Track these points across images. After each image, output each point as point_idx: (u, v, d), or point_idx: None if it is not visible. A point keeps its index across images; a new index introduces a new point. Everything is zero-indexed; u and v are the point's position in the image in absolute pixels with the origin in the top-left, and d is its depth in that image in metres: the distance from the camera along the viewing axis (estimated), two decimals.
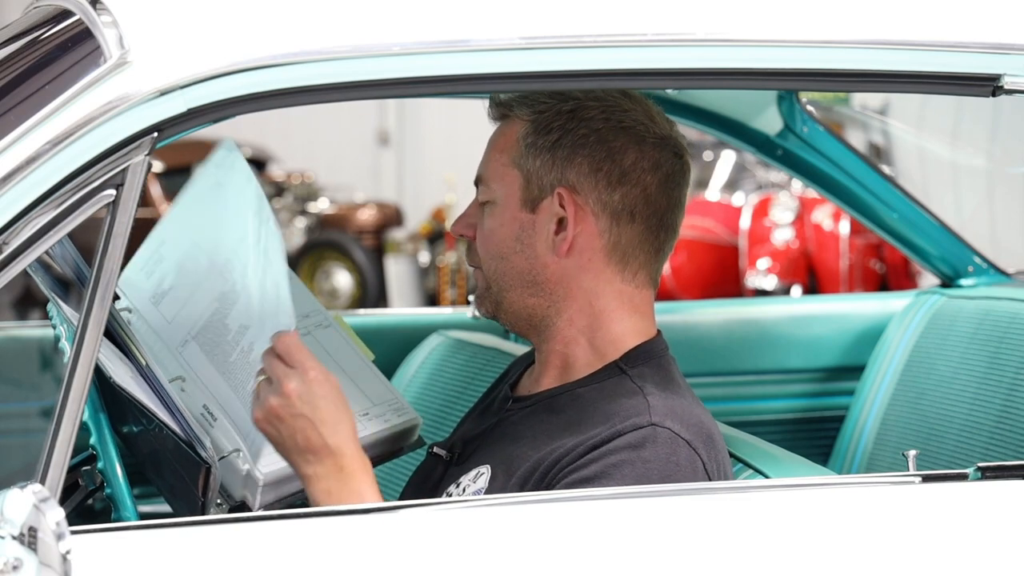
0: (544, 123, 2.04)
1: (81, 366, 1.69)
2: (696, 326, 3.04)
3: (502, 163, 2.06)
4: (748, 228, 8.37)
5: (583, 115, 2.03)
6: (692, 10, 1.93)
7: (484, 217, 2.08)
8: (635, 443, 1.92)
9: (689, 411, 1.97)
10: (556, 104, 2.04)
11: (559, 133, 2.03)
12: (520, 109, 2.05)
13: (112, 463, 2.04)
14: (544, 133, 2.03)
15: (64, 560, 1.53)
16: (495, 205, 2.06)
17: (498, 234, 2.06)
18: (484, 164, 2.08)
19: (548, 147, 2.03)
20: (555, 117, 2.03)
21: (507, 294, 2.06)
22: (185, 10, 1.83)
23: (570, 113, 2.03)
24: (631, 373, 2.02)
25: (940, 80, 1.98)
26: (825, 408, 3.06)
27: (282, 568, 1.72)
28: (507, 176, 2.05)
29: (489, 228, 2.07)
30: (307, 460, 1.89)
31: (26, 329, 3.05)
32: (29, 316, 9.45)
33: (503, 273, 2.06)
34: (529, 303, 2.06)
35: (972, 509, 1.89)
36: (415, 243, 10.18)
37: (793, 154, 2.89)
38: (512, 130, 2.06)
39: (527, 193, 2.04)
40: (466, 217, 2.11)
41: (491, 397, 2.20)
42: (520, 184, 2.04)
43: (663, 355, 2.06)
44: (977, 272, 3.01)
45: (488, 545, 1.78)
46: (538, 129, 2.04)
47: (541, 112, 2.04)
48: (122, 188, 1.73)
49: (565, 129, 2.03)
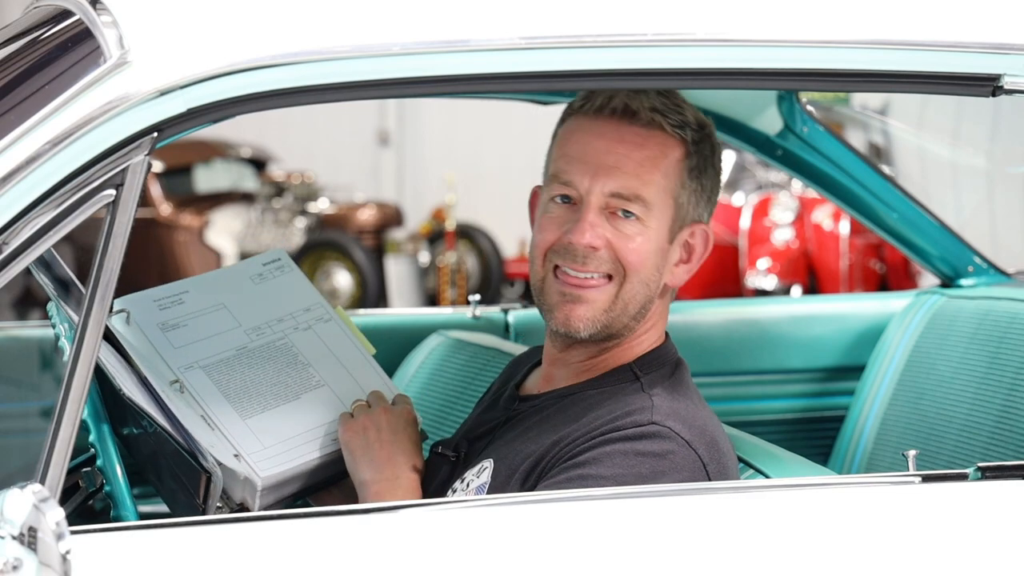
0: (695, 150, 2.03)
1: (81, 366, 1.69)
2: (696, 326, 3.04)
3: (664, 189, 2.01)
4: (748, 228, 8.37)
5: (713, 139, 2.05)
6: (692, 10, 1.93)
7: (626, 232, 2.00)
8: (632, 436, 1.92)
9: (694, 414, 1.97)
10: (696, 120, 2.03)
11: (705, 164, 2.04)
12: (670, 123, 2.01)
13: (112, 462, 2.04)
14: (696, 160, 2.03)
15: (64, 560, 1.53)
16: (651, 230, 2.01)
17: (650, 261, 2.01)
18: (642, 180, 2.00)
19: (697, 176, 2.03)
20: (702, 140, 2.04)
21: (623, 316, 2.02)
22: (185, 10, 1.83)
23: (707, 134, 2.04)
24: (642, 377, 2.02)
25: (940, 80, 1.98)
26: (825, 408, 3.06)
27: (282, 568, 1.72)
28: (665, 204, 2.02)
29: (644, 253, 2.00)
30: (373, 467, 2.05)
31: (26, 329, 3.05)
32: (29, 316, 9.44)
33: (639, 298, 2.02)
34: (630, 323, 2.04)
35: (972, 509, 1.89)
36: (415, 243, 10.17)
37: (793, 154, 2.89)
38: (671, 151, 2.02)
39: (673, 224, 2.03)
40: (596, 227, 1.99)
41: (496, 395, 2.20)
42: (671, 214, 2.03)
43: (675, 359, 2.07)
44: (977, 272, 3.00)
45: (488, 545, 1.78)
46: (691, 154, 2.02)
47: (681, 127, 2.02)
48: (122, 188, 1.73)
49: (708, 161, 2.04)
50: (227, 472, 1.97)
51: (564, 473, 1.91)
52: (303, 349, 2.15)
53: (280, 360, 2.13)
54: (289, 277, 2.23)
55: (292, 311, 2.19)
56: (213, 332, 2.14)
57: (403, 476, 2.05)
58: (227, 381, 2.08)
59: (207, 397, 2.05)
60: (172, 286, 2.19)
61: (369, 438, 2.06)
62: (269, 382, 2.11)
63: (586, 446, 1.93)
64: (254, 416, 2.06)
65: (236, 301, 2.18)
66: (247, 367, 2.10)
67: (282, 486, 2.03)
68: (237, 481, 1.98)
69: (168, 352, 2.10)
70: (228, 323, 2.15)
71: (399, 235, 10.33)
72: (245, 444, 2.02)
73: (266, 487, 2.00)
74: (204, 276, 2.25)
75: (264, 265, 2.23)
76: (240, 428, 2.03)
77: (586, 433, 1.95)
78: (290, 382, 2.12)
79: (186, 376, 2.07)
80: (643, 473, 1.89)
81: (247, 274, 2.22)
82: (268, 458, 2.02)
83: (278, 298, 2.19)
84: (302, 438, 2.07)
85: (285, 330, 2.16)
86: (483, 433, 2.11)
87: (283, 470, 2.02)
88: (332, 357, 2.16)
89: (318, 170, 11.00)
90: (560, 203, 2.03)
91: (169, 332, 2.12)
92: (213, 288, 2.20)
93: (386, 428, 2.08)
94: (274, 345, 2.14)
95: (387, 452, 2.06)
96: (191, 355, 2.10)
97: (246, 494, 1.98)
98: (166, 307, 2.15)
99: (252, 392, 2.08)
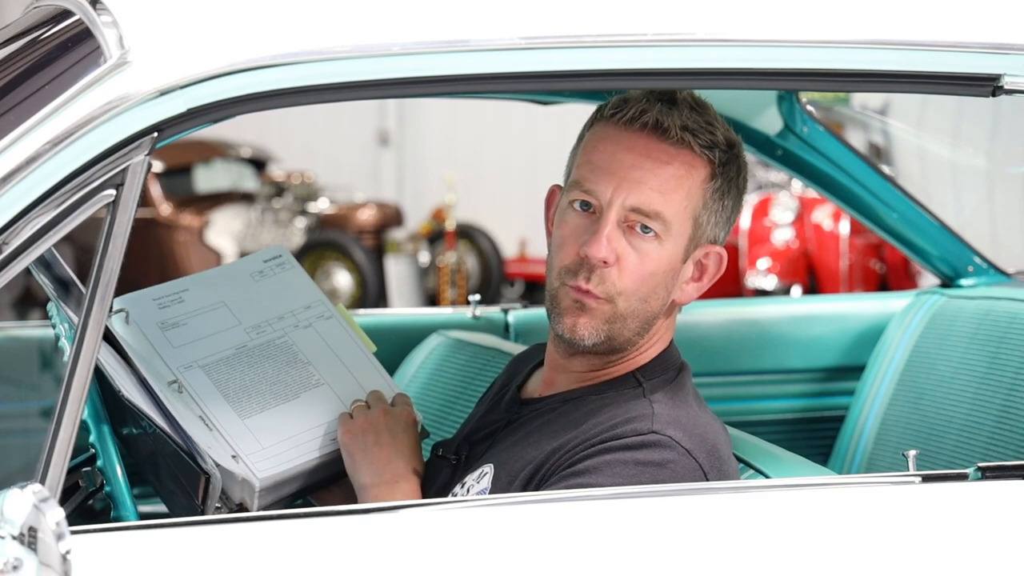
0: (723, 174, 2.01)
1: (81, 366, 1.69)
2: (696, 326, 3.04)
3: (685, 208, 1.99)
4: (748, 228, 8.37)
5: (741, 159, 2.03)
6: (692, 10, 1.93)
7: (640, 251, 1.99)
8: (632, 445, 1.92)
9: (695, 421, 1.97)
10: (719, 136, 2.01)
11: (728, 186, 2.03)
12: (699, 143, 1.99)
13: (112, 461, 2.04)
14: (720, 182, 2.01)
15: (64, 560, 1.53)
16: (665, 248, 2.00)
17: (655, 279, 2.00)
18: (665, 198, 1.98)
19: (719, 198, 2.02)
20: (728, 162, 2.02)
21: (624, 331, 2.00)
22: (185, 10, 1.83)
23: (735, 154, 2.03)
24: (644, 384, 2.02)
25: (940, 80, 1.98)
26: (825, 408, 3.06)
27: (282, 568, 1.72)
28: (685, 225, 2.00)
29: (652, 268, 1.99)
30: (372, 470, 2.05)
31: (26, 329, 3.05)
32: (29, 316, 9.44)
33: (639, 315, 2.00)
34: (633, 338, 2.02)
35: (972, 509, 1.89)
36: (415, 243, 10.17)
37: (793, 154, 2.89)
38: (696, 171, 2.00)
39: (690, 244, 2.02)
40: (612, 241, 1.98)
41: (497, 396, 2.19)
42: (690, 235, 2.01)
43: (678, 366, 2.07)
44: (977, 272, 3.01)
45: (488, 545, 1.78)
46: (715, 175, 2.01)
47: (710, 147, 2.00)
48: (122, 188, 1.73)
49: (732, 183, 2.03)
50: (225, 473, 1.97)
51: (564, 481, 1.91)
52: (303, 347, 2.15)
53: (280, 359, 2.13)
54: (290, 274, 2.22)
55: (292, 309, 2.19)
56: (213, 331, 2.13)
57: (402, 479, 2.05)
58: (226, 380, 2.08)
59: (206, 397, 2.05)
60: (172, 284, 2.18)
61: (368, 441, 2.06)
62: (268, 381, 2.10)
63: (585, 454, 1.92)
64: (253, 416, 2.05)
65: (236, 299, 2.18)
66: (247, 366, 2.10)
67: (281, 486, 2.03)
68: (235, 482, 1.97)
69: (167, 351, 2.09)
70: (228, 321, 2.15)
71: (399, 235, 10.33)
72: (244, 444, 2.01)
73: (264, 488, 2.00)
74: (204, 273, 2.24)
75: (265, 262, 2.23)
76: (239, 428, 2.03)
77: (585, 440, 1.94)
78: (290, 381, 2.11)
79: (185, 376, 2.07)
80: (643, 483, 1.89)
81: (248, 271, 2.22)
82: (267, 458, 2.01)
83: (279, 295, 2.19)
84: (301, 438, 2.07)
85: (285, 328, 2.16)
86: (484, 436, 2.11)
87: (282, 470, 2.02)
88: (332, 355, 2.15)
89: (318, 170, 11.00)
90: (579, 209, 2.01)
91: (168, 331, 2.12)
92: (213, 286, 2.20)
93: (385, 430, 2.07)
94: (274, 343, 2.14)
95: (386, 455, 2.06)
96: (190, 354, 2.10)
97: (245, 495, 1.98)
98: (165, 305, 2.15)
99: (251, 391, 2.08)
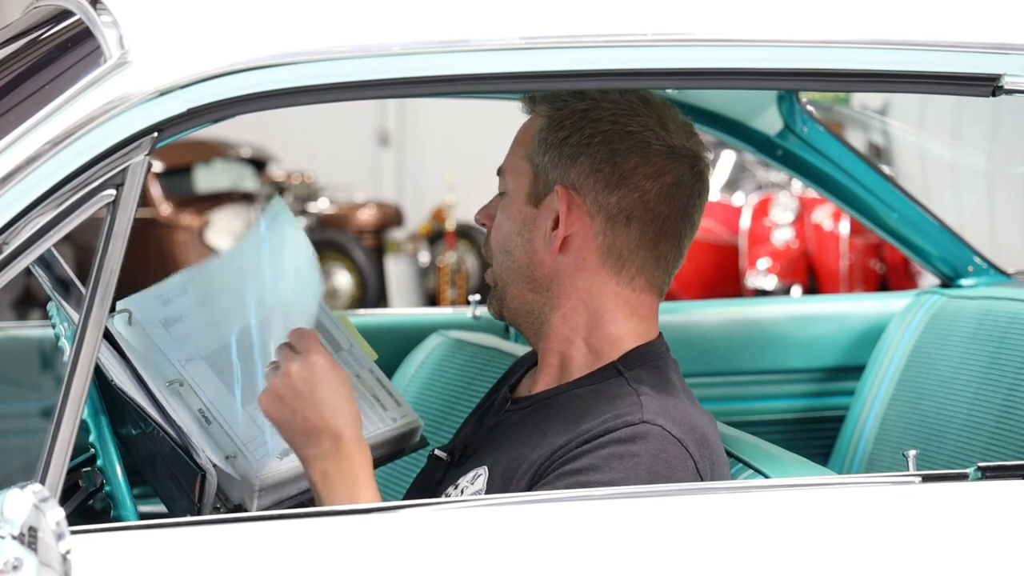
0: (558, 120, 2.05)
1: (81, 366, 1.69)
2: (696, 326, 3.04)
3: (518, 156, 2.08)
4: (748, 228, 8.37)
5: (594, 115, 2.04)
6: (692, 10, 1.93)
7: (499, 209, 2.10)
8: (625, 438, 1.92)
9: (683, 411, 1.97)
10: (573, 103, 2.05)
11: (569, 131, 2.04)
12: (542, 105, 2.08)
13: (112, 461, 2.04)
14: (556, 130, 2.04)
15: (64, 560, 1.53)
16: (507, 197, 2.08)
17: (505, 227, 2.07)
18: (506, 157, 2.11)
19: (557, 144, 2.04)
20: (568, 115, 2.05)
21: (509, 289, 2.08)
22: (185, 10, 1.83)
23: (582, 112, 2.04)
24: (627, 375, 2.01)
25: (940, 80, 1.98)
26: (825, 408, 3.06)
27: (282, 568, 1.72)
28: (520, 169, 2.07)
29: (499, 220, 2.09)
30: (306, 441, 1.90)
31: (26, 329, 3.05)
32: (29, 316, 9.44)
33: (507, 268, 2.08)
34: (527, 299, 2.07)
35: (972, 509, 1.89)
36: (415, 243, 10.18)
37: (793, 154, 2.89)
38: (532, 125, 2.08)
39: (533, 188, 2.06)
40: (488, 207, 2.12)
41: (492, 399, 2.20)
42: (529, 178, 2.06)
43: (662, 357, 2.06)
44: (977, 272, 3.01)
45: (488, 545, 1.78)
46: (552, 125, 2.05)
47: (559, 109, 2.05)
48: (122, 188, 1.73)
49: (575, 128, 2.04)
50: (223, 473, 1.96)
51: (562, 480, 1.91)
52: None
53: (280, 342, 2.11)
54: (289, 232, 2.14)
55: None
56: (215, 320, 2.12)
57: (344, 439, 1.89)
58: (227, 369, 2.07)
59: (207, 388, 2.05)
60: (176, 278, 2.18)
61: (287, 405, 1.89)
62: None
63: (580, 451, 1.92)
64: (253, 402, 2.05)
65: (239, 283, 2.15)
66: (248, 352, 2.09)
67: (280, 487, 2.02)
68: (235, 482, 1.97)
69: (170, 347, 2.09)
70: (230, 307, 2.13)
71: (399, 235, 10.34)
72: (244, 432, 2.01)
73: (264, 487, 1.99)
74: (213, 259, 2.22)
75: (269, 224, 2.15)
76: (240, 416, 2.03)
77: (578, 438, 1.94)
78: None
79: (187, 368, 2.07)
80: (640, 475, 1.89)
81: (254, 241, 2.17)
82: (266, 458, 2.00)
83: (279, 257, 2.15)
84: None
85: None
86: (478, 437, 2.11)
87: (281, 471, 2.02)
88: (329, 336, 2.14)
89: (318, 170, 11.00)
90: None
91: (171, 327, 2.11)
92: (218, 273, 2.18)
93: (303, 386, 1.89)
94: None
95: (315, 416, 1.88)
96: (192, 346, 2.09)
97: (244, 495, 1.98)
98: (168, 301, 2.15)
99: (252, 378, 2.07)
